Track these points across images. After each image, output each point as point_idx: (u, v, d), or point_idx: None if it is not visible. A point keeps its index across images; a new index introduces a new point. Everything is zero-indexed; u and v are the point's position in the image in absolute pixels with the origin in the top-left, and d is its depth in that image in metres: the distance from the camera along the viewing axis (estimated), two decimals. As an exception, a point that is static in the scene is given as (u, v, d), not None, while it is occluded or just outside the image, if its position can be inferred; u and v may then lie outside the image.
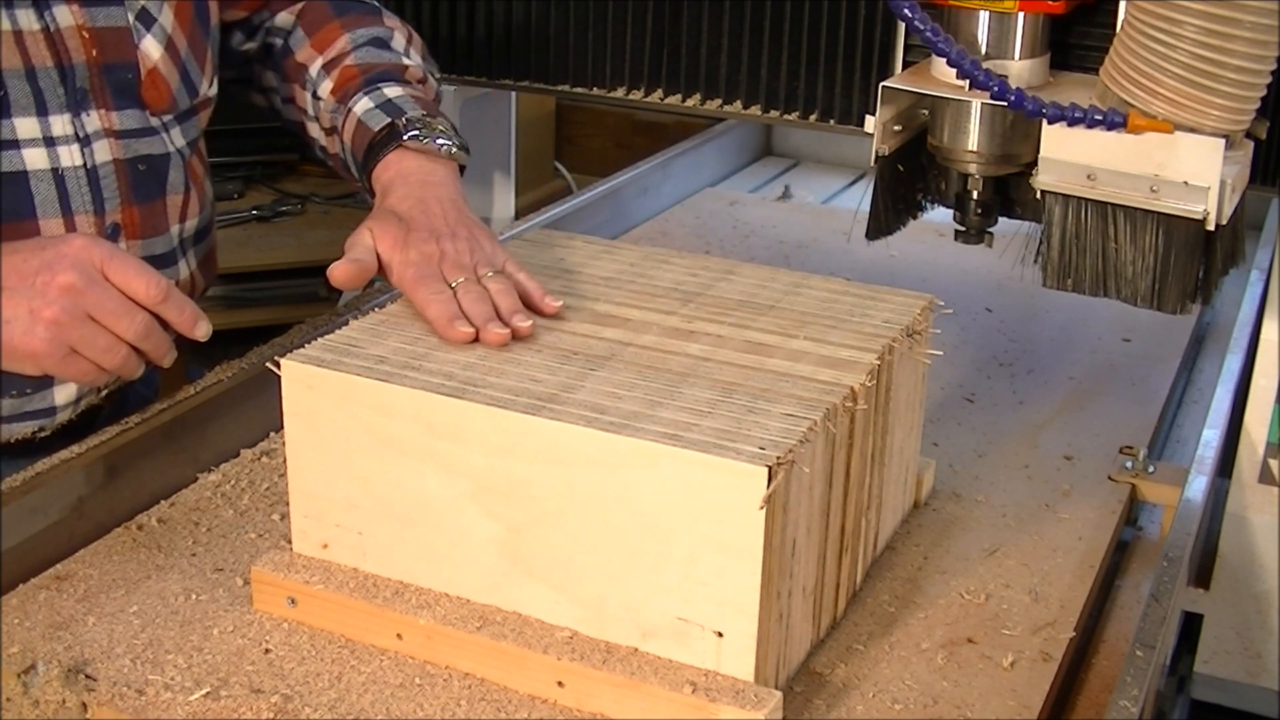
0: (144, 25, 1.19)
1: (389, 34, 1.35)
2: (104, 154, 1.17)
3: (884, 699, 0.95)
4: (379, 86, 1.28)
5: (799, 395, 0.95)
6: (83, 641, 0.98)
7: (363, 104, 1.27)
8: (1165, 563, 1.07)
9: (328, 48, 1.33)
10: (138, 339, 1.02)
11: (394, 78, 1.29)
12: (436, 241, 1.11)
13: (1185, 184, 1.12)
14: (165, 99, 1.22)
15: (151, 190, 1.22)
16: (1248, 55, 1.07)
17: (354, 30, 1.33)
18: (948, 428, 1.35)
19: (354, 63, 1.31)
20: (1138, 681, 0.92)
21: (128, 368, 1.04)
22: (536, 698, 0.93)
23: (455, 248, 1.11)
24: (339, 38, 1.33)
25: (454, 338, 1.02)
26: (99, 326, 1.01)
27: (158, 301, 1.03)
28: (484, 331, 1.02)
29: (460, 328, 1.02)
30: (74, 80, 1.15)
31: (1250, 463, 1.41)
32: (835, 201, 2.15)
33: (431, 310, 1.04)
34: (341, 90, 1.30)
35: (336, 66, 1.31)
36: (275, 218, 2.69)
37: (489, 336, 1.02)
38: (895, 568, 1.11)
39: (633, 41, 1.57)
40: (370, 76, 1.29)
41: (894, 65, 1.33)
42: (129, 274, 1.02)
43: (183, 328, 1.05)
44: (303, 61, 1.34)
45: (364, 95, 1.27)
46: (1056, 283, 1.21)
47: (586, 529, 0.92)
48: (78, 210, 1.16)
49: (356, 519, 1.00)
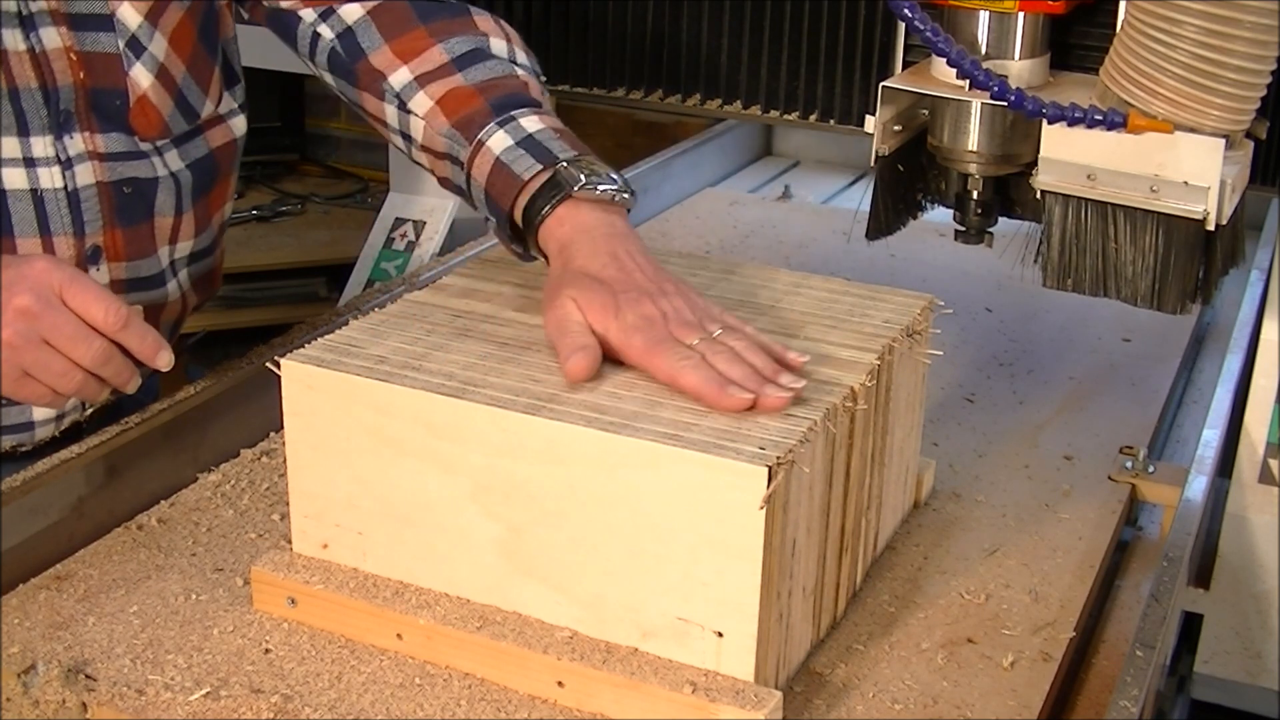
0: (134, 53, 1.16)
1: (485, 41, 1.22)
2: (86, 176, 1.15)
3: (884, 699, 0.95)
4: (513, 116, 1.14)
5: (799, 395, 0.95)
6: (83, 641, 0.98)
7: (499, 140, 1.13)
8: (1165, 563, 1.07)
9: (415, 58, 1.20)
10: (94, 365, 1.00)
11: (524, 102, 1.16)
12: (651, 301, 1.02)
13: (1185, 184, 1.12)
14: (155, 126, 1.19)
15: (137, 213, 1.19)
16: (1248, 55, 1.07)
17: (446, 40, 1.20)
18: (948, 428, 1.35)
19: (467, 84, 1.18)
20: (1138, 681, 0.92)
21: (86, 392, 1.01)
22: (536, 698, 0.93)
23: (673, 305, 1.02)
24: (430, 48, 1.20)
25: (732, 407, 0.93)
26: (54, 351, 0.98)
27: (116, 329, 1.00)
28: (762, 398, 0.93)
29: (736, 394, 0.93)
30: (58, 102, 1.13)
31: (1250, 463, 1.41)
32: (835, 201, 2.15)
33: (689, 379, 0.95)
34: (459, 115, 1.16)
35: (436, 82, 1.18)
36: (275, 218, 2.69)
37: (770, 403, 0.93)
38: (895, 568, 1.11)
39: (633, 41, 1.57)
40: (497, 103, 1.16)
41: (894, 65, 1.33)
42: (87, 300, 0.99)
43: (144, 356, 1.02)
44: (380, 68, 1.21)
45: (498, 129, 1.13)
46: (1056, 283, 1.21)
47: (586, 529, 0.92)
48: (56, 232, 1.14)
49: (356, 519, 1.00)
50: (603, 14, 1.57)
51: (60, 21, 1.12)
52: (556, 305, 1.02)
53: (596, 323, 1.00)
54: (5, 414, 1.17)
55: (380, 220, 2.01)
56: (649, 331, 0.99)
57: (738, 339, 1.00)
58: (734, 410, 0.93)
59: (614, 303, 1.01)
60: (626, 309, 1.00)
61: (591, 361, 0.97)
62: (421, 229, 1.97)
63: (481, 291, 1.12)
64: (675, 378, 0.96)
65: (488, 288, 1.12)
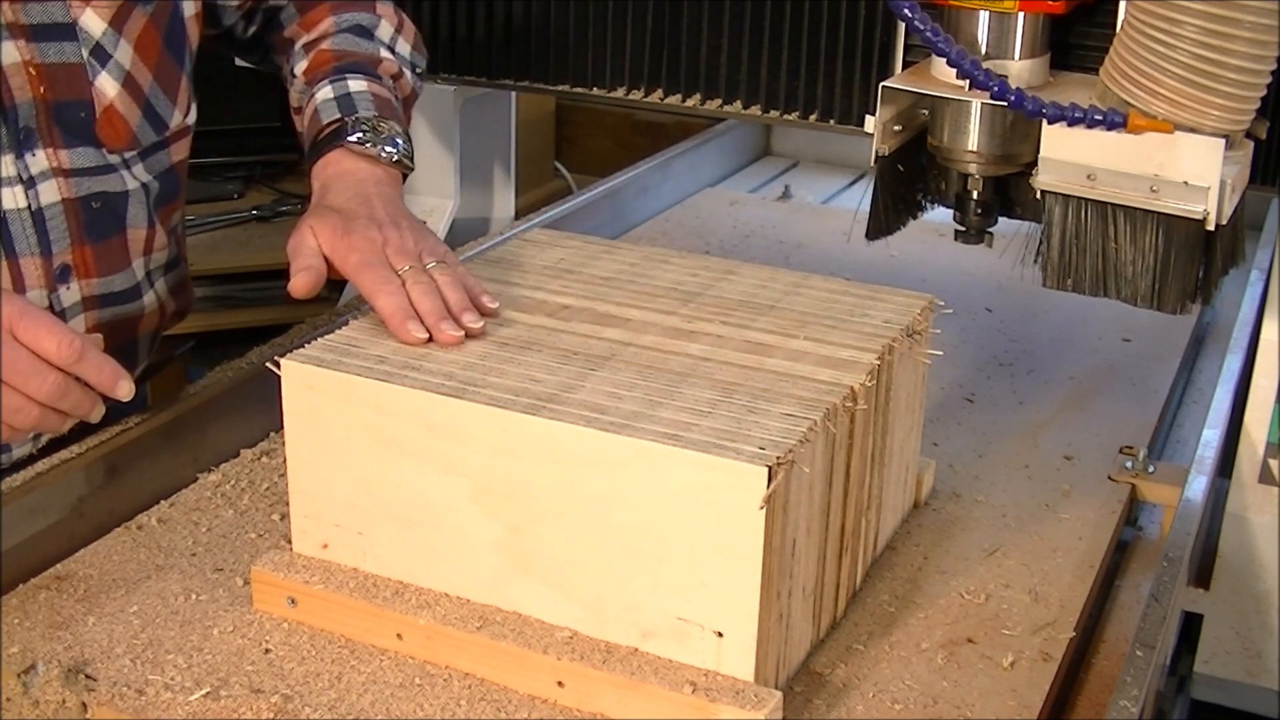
0: (99, 62, 1.14)
1: (375, 21, 1.33)
2: (51, 194, 1.13)
3: (884, 699, 0.95)
4: (345, 76, 1.26)
5: (799, 395, 0.95)
6: (83, 641, 0.98)
7: (324, 93, 1.25)
8: (1165, 563, 1.07)
9: (313, 27, 1.32)
10: (49, 400, 0.97)
11: (363, 70, 1.27)
12: (379, 229, 1.10)
13: (1185, 184, 1.12)
14: (123, 137, 1.17)
15: (107, 228, 1.18)
16: (1248, 55, 1.07)
17: (340, 14, 1.32)
18: (948, 428, 1.35)
19: (330, 47, 1.29)
20: (1138, 681, 0.92)
21: (45, 426, 1.00)
22: (536, 698, 0.93)
23: (399, 235, 1.10)
24: (325, 19, 1.32)
25: (407, 339, 1.02)
26: (8, 387, 0.96)
27: (71, 362, 0.97)
28: (437, 331, 1.02)
29: (414, 330, 1.02)
30: (17, 120, 1.10)
31: (1250, 463, 1.41)
32: (835, 201, 2.15)
33: (381, 301, 1.04)
34: (312, 74, 1.28)
35: (314, 48, 1.30)
36: (275, 218, 2.69)
37: (443, 337, 1.02)
38: (895, 568, 1.11)
39: (633, 41, 1.57)
40: (340, 65, 1.27)
41: (894, 65, 1.33)
42: (39, 334, 0.96)
43: (102, 387, 1.00)
44: (289, 38, 1.33)
45: (328, 83, 1.26)
46: (1056, 283, 1.21)
47: (586, 529, 0.92)
48: (22, 253, 1.12)
49: (356, 519, 1.00)
50: (603, 14, 1.57)
51: (18, 34, 1.09)
52: (297, 231, 1.12)
53: (325, 243, 1.10)
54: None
55: (380, 220, 2.00)
56: (366, 253, 1.08)
57: (443, 274, 1.07)
58: (410, 343, 1.02)
59: (344, 227, 1.10)
60: (354, 232, 1.10)
61: (313, 280, 1.08)
62: (421, 229, 1.97)
63: (481, 291, 1.12)
64: (373, 298, 1.05)
65: (488, 288, 1.12)
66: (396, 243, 1.09)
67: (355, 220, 1.11)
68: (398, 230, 1.11)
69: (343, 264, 1.08)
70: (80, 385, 0.99)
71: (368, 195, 1.15)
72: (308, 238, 1.10)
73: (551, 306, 1.10)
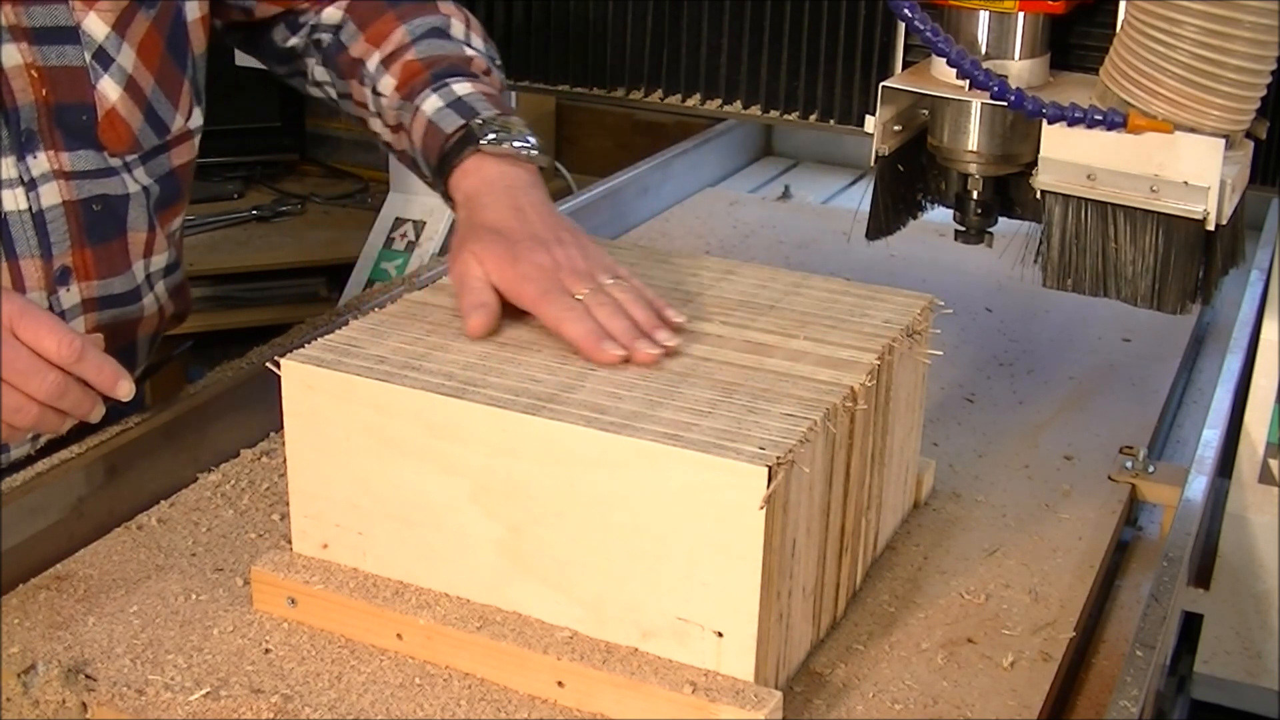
0: (101, 65, 1.13)
1: (446, 22, 1.28)
2: (52, 197, 1.13)
3: (884, 699, 0.95)
4: (447, 82, 1.21)
5: (799, 395, 0.95)
6: (83, 641, 0.98)
7: (432, 102, 1.20)
8: (1165, 563, 1.07)
9: (384, 40, 1.26)
10: (49, 399, 0.97)
11: (461, 72, 1.23)
12: (546, 250, 1.06)
13: (1185, 184, 1.12)
14: (125, 140, 1.17)
15: (108, 230, 1.17)
16: (1248, 55, 1.07)
17: (410, 21, 1.26)
18: (948, 428, 1.35)
19: (416, 57, 1.24)
20: (1138, 681, 0.92)
21: (44, 425, 1.00)
22: (536, 698, 0.93)
23: (567, 254, 1.06)
24: (395, 29, 1.26)
25: (605, 360, 0.98)
26: (8, 386, 0.96)
27: (71, 361, 0.97)
28: (634, 352, 0.99)
29: (610, 349, 0.98)
30: (19, 122, 1.10)
31: (1250, 463, 1.41)
32: (835, 201, 2.15)
33: (570, 330, 1.00)
34: (407, 86, 1.23)
35: (397, 60, 1.25)
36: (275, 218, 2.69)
37: (642, 357, 0.99)
38: (895, 568, 1.11)
39: (633, 41, 1.57)
40: (437, 71, 1.22)
41: (894, 65, 1.33)
42: (40, 333, 0.96)
43: (102, 387, 1.00)
44: (358, 56, 1.27)
45: (432, 92, 1.20)
46: (1056, 283, 1.21)
47: (586, 529, 0.92)
48: (23, 254, 1.12)
49: (356, 519, 1.00)
50: (603, 14, 1.57)
51: (20, 37, 1.09)
52: (459, 260, 1.07)
53: (493, 272, 1.05)
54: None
55: (380, 220, 2.01)
56: (541, 280, 1.04)
57: (623, 291, 1.04)
58: (607, 363, 0.98)
59: (511, 253, 1.05)
60: (522, 258, 1.05)
61: (489, 319, 1.03)
62: (421, 229, 1.97)
63: (481, 291, 1.12)
64: (559, 327, 1.01)
65: None
66: (568, 264, 1.05)
67: (519, 243, 1.06)
68: (564, 248, 1.07)
69: (518, 297, 1.04)
70: (80, 385, 0.99)
71: (520, 206, 1.11)
72: (473, 267, 1.05)
73: (551, 306, 1.10)
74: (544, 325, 1.02)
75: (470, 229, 1.10)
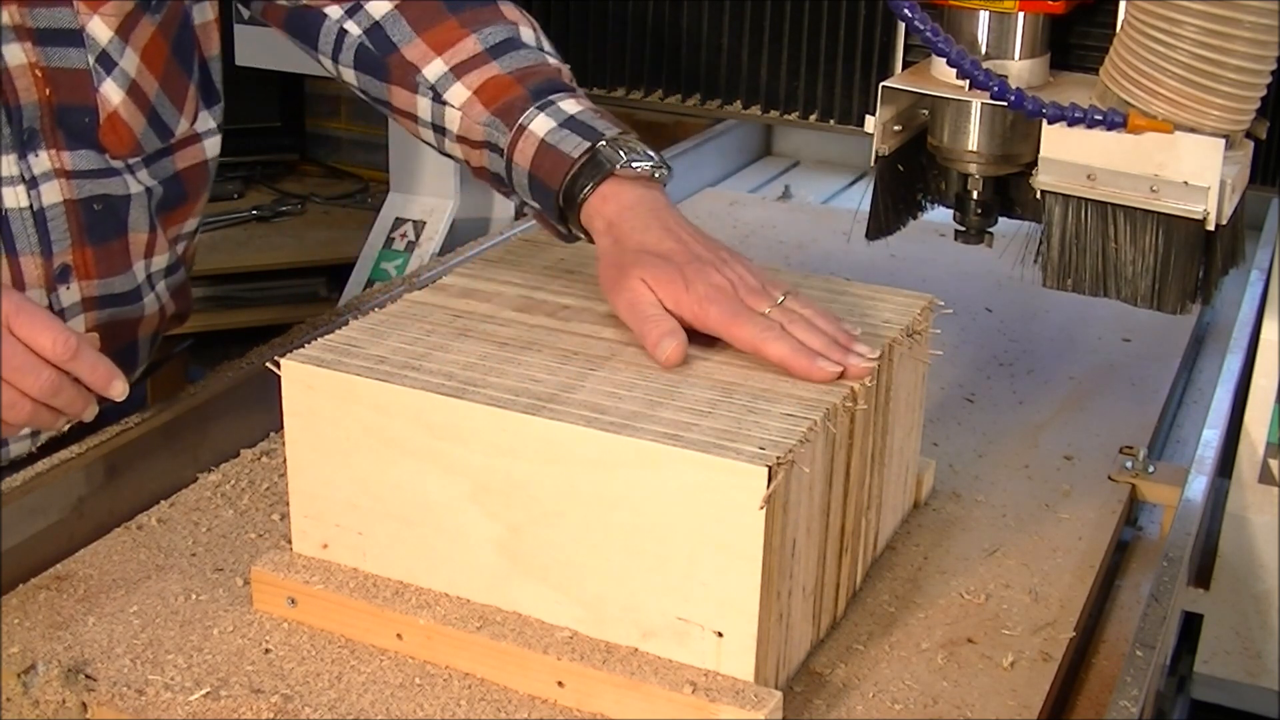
0: (104, 68, 1.13)
1: (515, 30, 1.20)
2: (53, 195, 1.13)
3: (884, 699, 0.95)
4: (552, 100, 1.14)
5: (799, 395, 0.95)
6: (83, 641, 0.98)
7: (541, 123, 1.13)
8: (1165, 563, 1.07)
9: (449, 49, 1.18)
10: (43, 396, 0.97)
11: (560, 87, 1.17)
12: (716, 271, 1.04)
13: (1185, 184, 1.12)
14: (127, 143, 1.17)
15: (108, 230, 1.17)
16: (1248, 55, 1.07)
17: (479, 30, 1.19)
18: (948, 428, 1.35)
19: (504, 71, 1.17)
20: (1138, 681, 0.92)
21: (39, 422, 1.00)
22: (536, 698, 0.93)
23: (737, 274, 1.04)
24: (464, 38, 1.18)
25: (823, 378, 0.97)
26: (3, 382, 0.96)
27: (65, 359, 0.97)
28: (849, 366, 0.98)
29: (825, 365, 0.97)
30: (21, 120, 1.10)
31: (1250, 463, 1.41)
32: (835, 201, 2.15)
33: (774, 350, 0.98)
34: (498, 103, 1.15)
35: (472, 72, 1.17)
36: (275, 218, 2.69)
37: (856, 370, 0.98)
38: (895, 568, 1.11)
39: (633, 41, 1.57)
40: (534, 88, 1.15)
41: (894, 65, 1.33)
42: (35, 329, 0.97)
43: (96, 386, 1.00)
44: (413, 61, 1.19)
45: (539, 113, 1.13)
46: (1056, 283, 1.21)
47: (586, 529, 0.92)
48: (23, 251, 1.12)
49: (356, 519, 1.00)
50: (603, 14, 1.57)
51: (25, 37, 1.09)
52: (626, 288, 1.03)
53: (668, 299, 1.02)
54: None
55: (380, 220, 2.01)
56: (723, 303, 1.01)
57: (805, 306, 1.03)
58: (824, 380, 0.97)
59: (681, 276, 1.02)
60: (695, 281, 1.02)
61: (682, 346, 0.99)
62: (421, 229, 1.97)
63: (481, 291, 1.12)
64: (760, 348, 0.98)
65: (488, 288, 1.12)
66: (742, 283, 1.04)
67: (685, 266, 1.04)
68: (731, 268, 1.05)
69: (703, 321, 1.01)
70: (74, 383, 0.99)
71: (670, 228, 1.08)
72: (645, 293, 1.03)
73: (551, 306, 1.10)
74: (738, 348, 1.00)
75: (626, 254, 1.06)
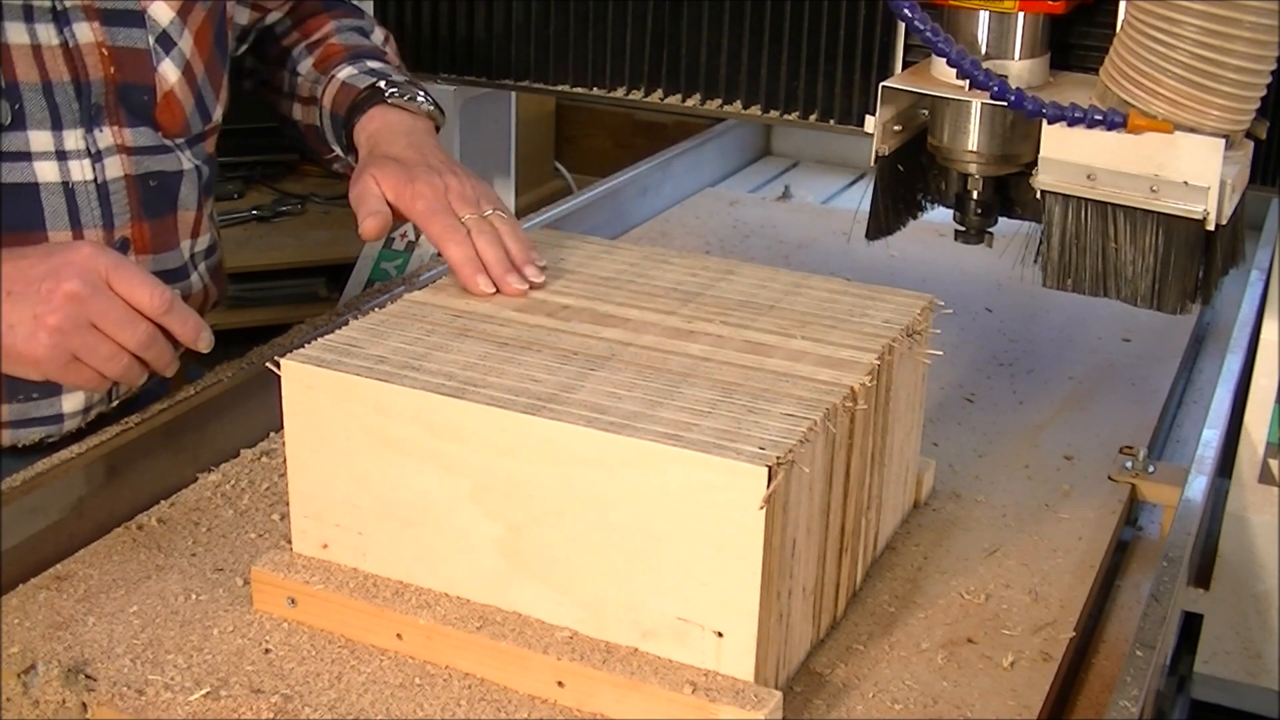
0: (164, 48, 1.20)
1: (371, 27, 1.43)
2: (115, 170, 1.18)
3: (884, 699, 0.95)
4: (361, 60, 1.34)
5: (799, 395, 0.95)
6: (83, 641, 0.98)
7: (346, 70, 1.33)
8: (1165, 563, 1.07)
9: (313, 33, 1.40)
10: (140, 349, 1.02)
11: (375, 56, 1.36)
12: (440, 176, 1.17)
13: (1185, 184, 1.12)
14: (179, 122, 1.23)
15: (162, 206, 1.23)
16: (1248, 55, 1.07)
17: (340, 19, 1.41)
18: (948, 428, 1.35)
19: (338, 41, 1.38)
20: (1138, 681, 0.92)
21: (129, 376, 1.04)
22: (536, 698, 0.93)
23: (459, 182, 1.17)
24: (325, 24, 1.40)
25: (476, 291, 1.10)
26: (101, 335, 1.01)
27: (161, 312, 1.03)
28: (503, 284, 1.10)
29: (483, 284, 1.10)
30: (89, 96, 1.15)
31: (1250, 463, 1.41)
32: (835, 201, 2.15)
33: (451, 250, 1.11)
34: (325, 63, 1.36)
35: (319, 46, 1.38)
36: (275, 218, 2.69)
37: (509, 289, 1.10)
38: (895, 568, 1.11)
39: (633, 41, 1.57)
40: (353, 53, 1.36)
41: (894, 65, 1.33)
42: (133, 284, 1.02)
43: (186, 339, 1.06)
44: (286, 46, 1.40)
45: (347, 64, 1.34)
46: (1056, 283, 1.21)
47: (586, 529, 0.92)
48: (87, 224, 1.16)
49: (356, 519, 1.00)
50: (603, 14, 1.57)
51: (93, 17, 1.15)
52: (360, 182, 1.19)
53: (389, 191, 1.17)
54: (36, 406, 1.18)
55: (380, 220, 2.01)
56: (431, 199, 1.15)
57: (503, 223, 1.15)
58: (480, 294, 1.10)
59: (406, 175, 1.17)
60: (418, 179, 1.17)
61: (382, 224, 1.16)
62: (421, 229, 1.97)
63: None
64: (441, 245, 1.13)
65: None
66: (458, 190, 1.17)
67: (415, 168, 1.18)
68: (456, 177, 1.18)
69: (409, 210, 1.16)
70: (163, 338, 1.04)
71: (418, 143, 1.23)
72: (371, 185, 1.17)
73: (551, 306, 1.10)
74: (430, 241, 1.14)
75: (372, 159, 1.22)
